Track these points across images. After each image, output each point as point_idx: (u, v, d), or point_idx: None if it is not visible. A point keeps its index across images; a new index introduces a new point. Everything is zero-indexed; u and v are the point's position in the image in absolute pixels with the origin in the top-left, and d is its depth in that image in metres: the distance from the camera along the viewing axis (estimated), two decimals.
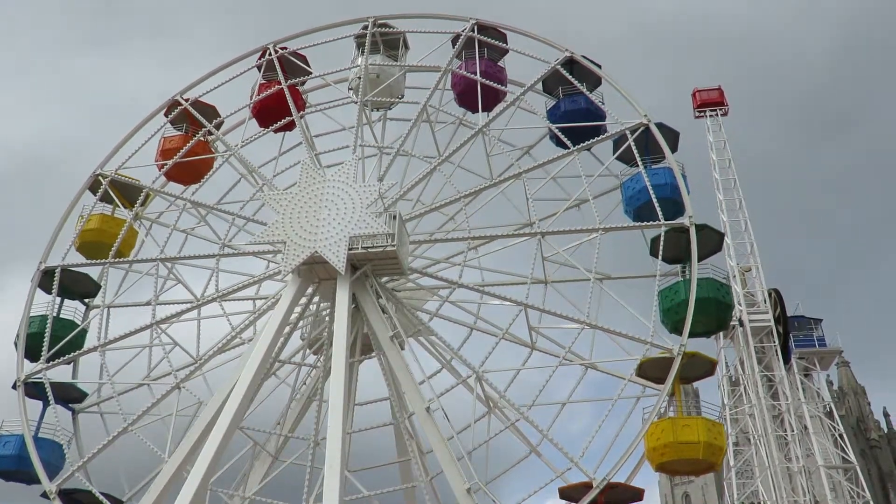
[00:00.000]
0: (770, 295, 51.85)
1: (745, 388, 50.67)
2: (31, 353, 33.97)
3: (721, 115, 58.55)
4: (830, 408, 57.83)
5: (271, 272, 34.35)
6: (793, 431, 49.63)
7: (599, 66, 36.17)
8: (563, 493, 27.05)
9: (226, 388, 30.74)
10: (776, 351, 50.24)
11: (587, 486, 26.53)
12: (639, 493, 27.78)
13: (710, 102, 58.88)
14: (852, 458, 54.04)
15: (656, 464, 27.97)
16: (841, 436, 55.25)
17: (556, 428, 30.51)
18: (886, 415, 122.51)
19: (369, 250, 31.48)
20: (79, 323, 35.76)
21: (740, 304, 50.29)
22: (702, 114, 58.88)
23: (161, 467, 29.49)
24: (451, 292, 33.59)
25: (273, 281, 35.20)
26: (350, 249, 31.32)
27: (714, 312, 30.11)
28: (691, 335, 28.91)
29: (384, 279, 33.59)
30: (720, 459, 29.31)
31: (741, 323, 50.08)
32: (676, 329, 29.55)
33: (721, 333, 49.26)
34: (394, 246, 31.26)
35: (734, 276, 50.87)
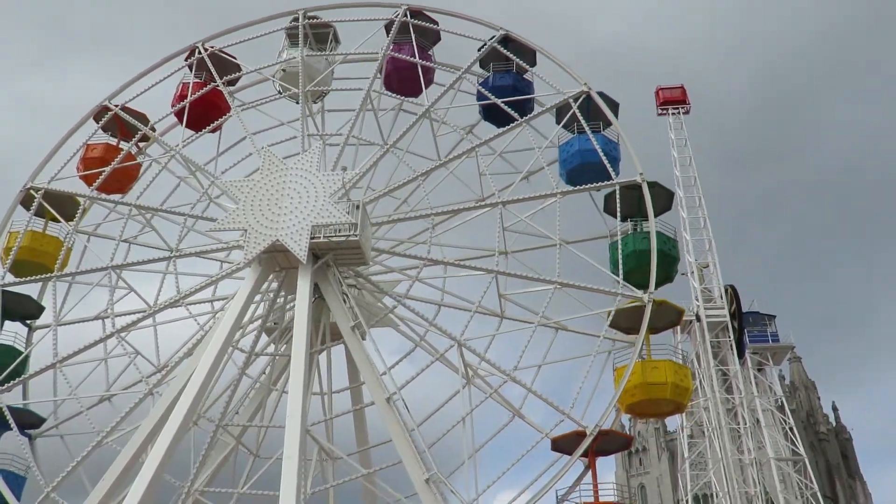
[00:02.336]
0: (727, 291, 52.90)
1: (700, 381, 51.44)
2: None
3: (683, 113, 59.26)
4: (782, 402, 59.31)
5: (229, 270, 33.64)
6: (745, 424, 50.91)
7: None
8: (556, 445, 27.81)
9: (183, 375, 30.00)
10: (731, 346, 51.31)
11: (579, 436, 27.41)
12: (628, 441, 28.95)
13: (672, 100, 59.52)
14: (801, 450, 55.62)
15: (626, 405, 29.07)
16: (791, 429, 56.88)
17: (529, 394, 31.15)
18: (835, 409, 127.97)
19: (331, 239, 31.41)
20: (18, 348, 34.00)
21: (697, 300, 51.39)
22: (664, 111, 59.55)
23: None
24: (419, 271, 33.85)
25: (231, 279, 34.49)
26: (312, 238, 31.19)
27: (660, 264, 31.57)
28: (638, 286, 30.34)
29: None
30: (686, 400, 30.84)
31: (698, 318, 51.05)
32: (627, 280, 30.84)
33: (679, 328, 50.13)
34: (356, 236, 31.27)
35: (692, 273, 51.62)
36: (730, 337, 51.53)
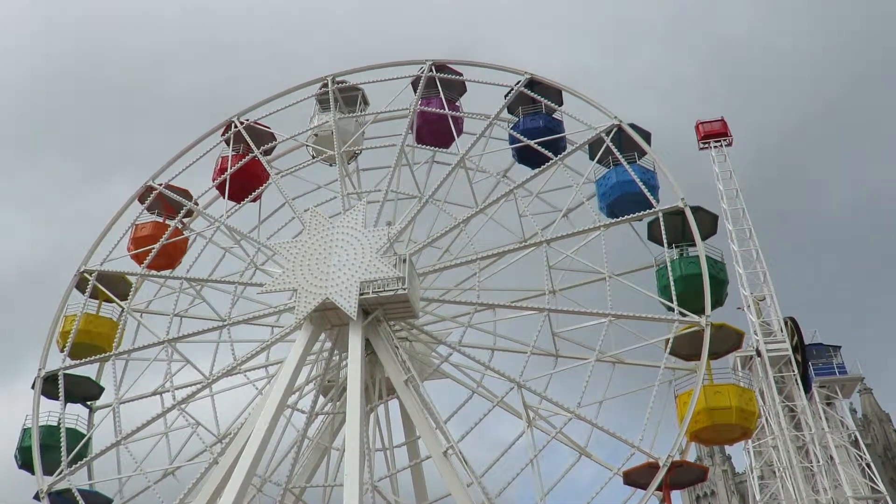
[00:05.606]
0: (787, 323, 50.75)
1: (766, 419, 48.73)
2: (31, 466, 32.66)
3: (726, 145, 57.78)
4: (856, 436, 56.42)
5: (282, 333, 33.92)
6: (818, 462, 47.89)
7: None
8: (629, 478, 27.14)
9: (241, 440, 30.07)
10: (796, 380, 48.81)
11: (651, 468, 26.74)
12: (704, 472, 28.13)
13: (713, 134, 58.02)
14: (882, 487, 51.86)
15: (690, 432, 28.28)
16: (868, 465, 53.57)
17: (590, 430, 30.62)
18: None
19: (380, 294, 31.62)
20: (79, 430, 34.49)
21: (756, 334, 49.47)
22: (706, 145, 58.05)
23: None
24: (471, 317, 33.82)
25: (283, 342, 34.74)
26: (361, 294, 31.45)
27: (711, 287, 31.02)
28: (690, 311, 29.87)
29: None
30: (753, 425, 29.93)
31: (758, 353, 48.89)
32: (678, 306, 30.32)
33: (740, 364, 48.85)
34: (405, 289, 31.45)
35: (748, 306, 50.12)
36: (794, 371, 48.73)
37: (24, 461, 32.90)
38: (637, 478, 26.94)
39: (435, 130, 38.50)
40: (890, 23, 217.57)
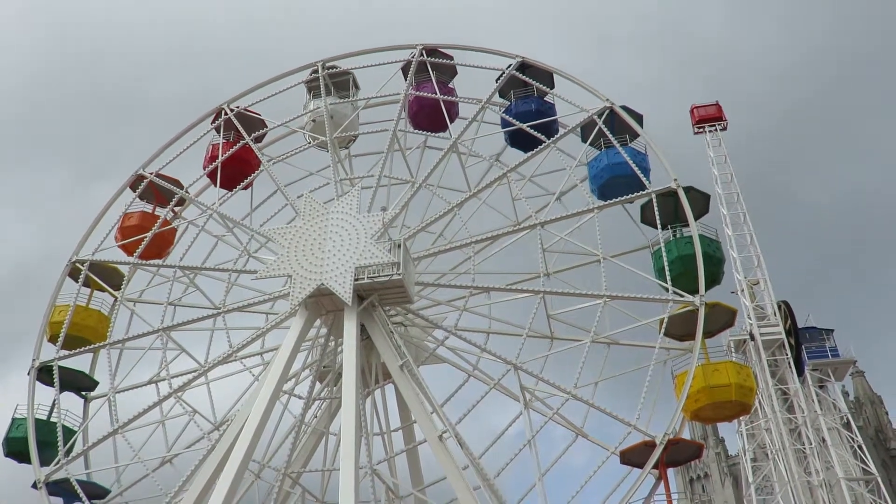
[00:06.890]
0: (780, 307, 51.39)
1: (759, 402, 49.44)
2: (24, 457, 32.63)
3: (720, 129, 57.72)
4: (848, 419, 57.11)
5: (278, 320, 33.86)
6: (811, 444, 48.63)
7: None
8: (625, 457, 27.35)
9: (237, 422, 30.14)
10: (789, 363, 49.49)
11: (648, 446, 26.94)
12: (699, 449, 28.36)
13: (708, 118, 57.92)
14: (873, 469, 52.95)
15: (691, 412, 28.61)
16: (860, 447, 54.45)
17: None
18: None
19: (375, 280, 31.58)
20: (67, 426, 34.28)
21: (750, 318, 50.08)
22: (701, 129, 58.04)
23: None
24: (466, 300, 33.88)
25: (279, 329, 34.70)
26: (356, 280, 31.41)
27: (706, 267, 31.18)
28: (687, 291, 30.02)
29: None
30: (752, 400, 30.22)
31: (752, 336, 49.60)
32: (675, 286, 30.42)
33: (734, 347, 49.37)
34: (400, 275, 31.39)
35: (742, 290, 50.66)
36: (787, 354, 49.37)
37: (11, 450, 32.84)
38: (634, 457, 27.14)
39: (431, 115, 38.34)
40: (870, 23, 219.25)
